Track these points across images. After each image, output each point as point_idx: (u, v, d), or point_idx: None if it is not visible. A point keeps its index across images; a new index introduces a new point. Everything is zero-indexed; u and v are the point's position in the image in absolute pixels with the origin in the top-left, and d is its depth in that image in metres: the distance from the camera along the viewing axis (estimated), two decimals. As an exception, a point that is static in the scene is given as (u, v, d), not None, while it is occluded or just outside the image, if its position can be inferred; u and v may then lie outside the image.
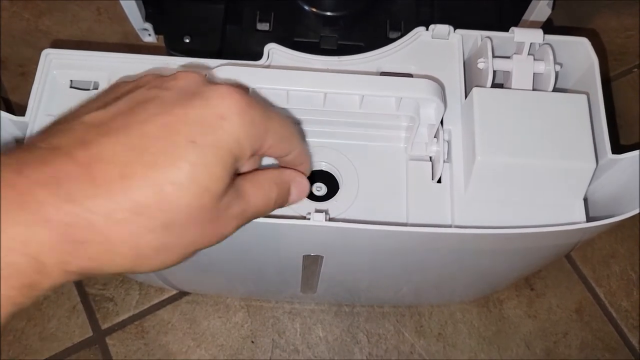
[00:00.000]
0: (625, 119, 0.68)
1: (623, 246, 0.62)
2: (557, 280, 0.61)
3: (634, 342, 0.58)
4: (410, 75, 0.37)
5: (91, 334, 0.56)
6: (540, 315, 0.59)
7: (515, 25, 0.59)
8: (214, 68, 0.32)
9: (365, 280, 0.47)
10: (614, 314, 0.59)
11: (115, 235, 0.22)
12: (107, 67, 0.37)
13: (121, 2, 0.57)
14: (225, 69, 0.31)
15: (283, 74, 0.31)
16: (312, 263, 0.41)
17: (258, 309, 0.58)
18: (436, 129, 0.34)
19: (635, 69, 0.71)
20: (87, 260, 0.22)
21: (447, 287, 0.51)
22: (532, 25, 0.58)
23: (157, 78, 0.27)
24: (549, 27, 0.58)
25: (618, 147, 0.35)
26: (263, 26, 0.58)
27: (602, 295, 0.60)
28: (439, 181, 0.35)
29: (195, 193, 0.23)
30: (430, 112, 0.33)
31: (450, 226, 0.33)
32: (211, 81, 0.26)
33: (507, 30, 0.38)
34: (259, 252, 0.39)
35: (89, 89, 0.37)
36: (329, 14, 0.58)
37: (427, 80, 0.31)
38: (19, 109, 0.36)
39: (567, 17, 0.71)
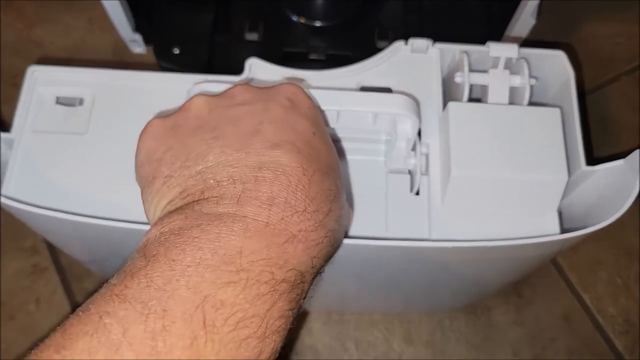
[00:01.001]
0: (613, 126, 0.69)
1: (609, 252, 0.62)
2: (544, 288, 0.61)
3: (620, 347, 0.59)
4: (389, 90, 0.38)
5: (82, 343, 0.56)
6: (528, 322, 0.60)
7: (502, 33, 0.60)
8: (196, 83, 0.33)
9: (351, 289, 0.48)
10: (601, 320, 0.60)
11: (339, 226, 0.26)
12: (92, 83, 0.38)
13: (109, 13, 0.57)
14: (204, 85, 0.32)
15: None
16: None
17: (248, 317, 0.59)
18: (413, 142, 0.35)
19: (624, 76, 0.72)
20: (326, 257, 0.26)
21: (432, 295, 0.51)
22: (514, 40, 0.58)
23: (220, 99, 0.28)
24: (532, 41, 0.59)
25: (594, 159, 0.35)
26: (252, 36, 0.59)
27: (588, 302, 0.61)
28: (418, 193, 0.36)
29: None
30: (407, 126, 0.34)
31: (426, 239, 0.34)
32: (261, 84, 0.29)
33: (492, 37, 0.38)
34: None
35: (74, 105, 0.38)
36: (317, 24, 0.59)
37: (401, 96, 0.32)
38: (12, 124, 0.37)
39: (555, 26, 0.72)
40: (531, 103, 0.36)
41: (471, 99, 0.37)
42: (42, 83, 0.37)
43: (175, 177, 0.25)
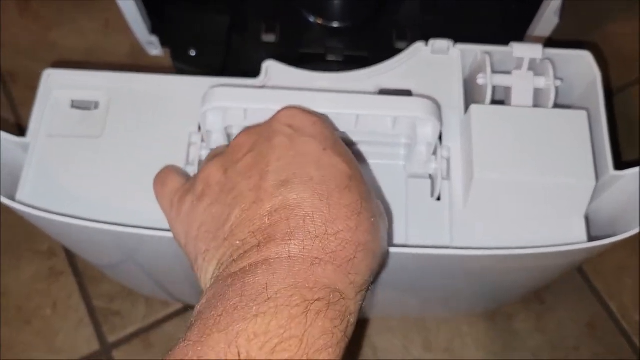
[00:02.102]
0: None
1: (636, 259, 0.61)
2: (567, 294, 0.59)
3: (647, 356, 0.57)
4: (409, 92, 0.37)
5: (98, 347, 0.56)
6: (549, 330, 0.58)
7: (524, 32, 0.58)
8: (211, 87, 0.32)
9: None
10: (627, 328, 0.58)
11: (373, 237, 0.26)
12: (107, 87, 0.37)
13: (125, 15, 0.57)
14: (217, 90, 0.31)
15: (277, 94, 0.31)
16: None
17: (264, 322, 0.58)
18: (434, 146, 0.34)
19: (649, 76, 0.70)
20: (369, 270, 0.25)
21: (451, 300, 0.50)
22: (537, 40, 0.57)
23: (229, 155, 0.28)
24: (556, 40, 0.57)
25: (621, 162, 0.34)
26: (269, 38, 0.58)
27: (614, 309, 0.59)
28: (439, 199, 0.35)
29: None
30: (427, 130, 0.32)
31: (448, 246, 0.33)
32: (267, 121, 0.29)
33: (514, 37, 0.37)
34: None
35: (90, 109, 0.37)
36: (334, 25, 0.58)
37: (422, 99, 0.31)
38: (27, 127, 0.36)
39: (579, 24, 0.70)
40: (556, 105, 0.35)
41: (494, 102, 0.36)
42: (58, 86, 0.37)
43: (210, 251, 0.26)
